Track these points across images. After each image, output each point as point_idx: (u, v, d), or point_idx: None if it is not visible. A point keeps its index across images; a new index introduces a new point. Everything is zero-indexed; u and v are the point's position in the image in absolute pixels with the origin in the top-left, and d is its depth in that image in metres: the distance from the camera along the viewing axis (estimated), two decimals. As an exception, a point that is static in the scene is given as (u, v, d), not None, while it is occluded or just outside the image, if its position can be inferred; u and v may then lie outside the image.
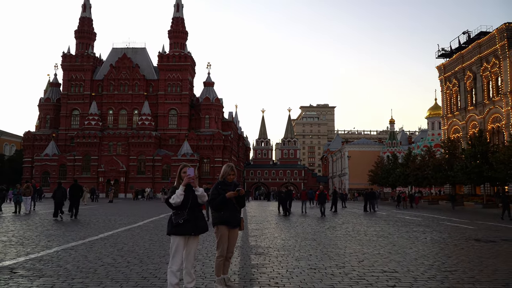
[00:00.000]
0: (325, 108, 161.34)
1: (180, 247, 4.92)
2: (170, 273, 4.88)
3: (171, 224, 4.92)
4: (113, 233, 11.71)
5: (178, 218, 4.89)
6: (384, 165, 58.39)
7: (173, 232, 4.92)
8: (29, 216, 18.26)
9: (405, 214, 23.43)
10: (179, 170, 5.13)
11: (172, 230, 4.92)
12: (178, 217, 4.89)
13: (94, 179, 65.11)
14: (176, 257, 4.89)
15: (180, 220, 4.87)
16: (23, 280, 5.76)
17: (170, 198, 4.92)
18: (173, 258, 4.90)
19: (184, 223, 4.88)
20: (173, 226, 4.89)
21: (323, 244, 9.86)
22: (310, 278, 6.09)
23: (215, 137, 69.15)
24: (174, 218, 4.90)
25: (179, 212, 4.91)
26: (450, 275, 6.44)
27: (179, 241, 4.92)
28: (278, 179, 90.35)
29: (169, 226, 4.97)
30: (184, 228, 4.90)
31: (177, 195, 4.87)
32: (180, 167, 5.15)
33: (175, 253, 4.90)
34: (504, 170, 30.01)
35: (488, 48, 43.60)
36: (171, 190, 5.00)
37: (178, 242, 4.92)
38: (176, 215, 4.90)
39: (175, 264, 4.88)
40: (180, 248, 4.92)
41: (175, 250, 4.90)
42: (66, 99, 71.46)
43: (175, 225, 4.88)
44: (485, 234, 12.52)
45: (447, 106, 53.02)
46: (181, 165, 5.20)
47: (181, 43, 73.35)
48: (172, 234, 4.94)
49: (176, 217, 4.90)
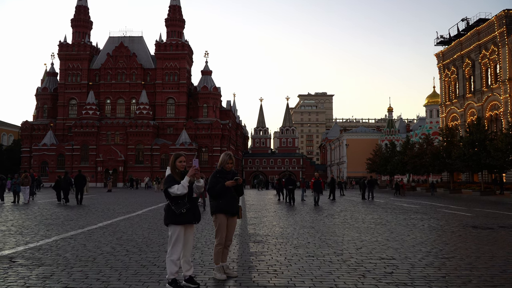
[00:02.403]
0: (323, 96, 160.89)
1: (181, 236, 4.92)
2: (170, 262, 4.87)
3: (172, 214, 4.88)
4: (112, 222, 11.73)
5: (180, 208, 4.85)
6: (382, 153, 58.51)
7: (175, 222, 4.88)
8: (27, 205, 18.28)
9: (403, 202, 23.55)
10: (173, 159, 5.04)
11: (174, 219, 4.88)
12: (180, 206, 4.86)
13: (93, 168, 65.16)
14: (176, 246, 4.89)
15: (183, 210, 4.85)
16: (22, 269, 5.77)
17: (169, 188, 4.84)
18: (173, 247, 4.89)
19: (186, 212, 4.88)
20: (176, 216, 4.85)
21: (321, 232, 9.91)
22: (308, 265, 6.13)
23: (213, 126, 69.03)
24: (175, 207, 4.85)
25: (180, 202, 4.88)
26: (448, 261, 6.49)
27: (180, 230, 4.91)
28: (277, 167, 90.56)
29: (169, 216, 4.91)
30: (186, 217, 4.89)
31: (183, 186, 4.83)
32: (175, 156, 5.06)
33: (175, 242, 4.89)
34: (502, 157, 30.11)
35: (487, 35, 43.36)
36: (169, 180, 4.91)
37: (179, 231, 4.91)
38: (177, 205, 4.86)
39: (176, 253, 4.88)
40: (181, 237, 4.92)
41: (176, 239, 4.89)
42: (63, 89, 71.03)
43: (178, 214, 4.85)
44: (483, 221, 12.60)
45: (446, 94, 52.94)
46: (174, 154, 5.10)
47: (178, 31, 72.67)
48: (173, 223, 4.89)
49: (177, 206, 4.85)
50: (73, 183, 20.56)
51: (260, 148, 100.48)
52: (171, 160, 5.07)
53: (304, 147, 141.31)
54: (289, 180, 21.36)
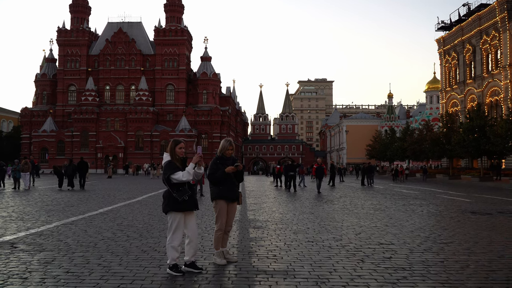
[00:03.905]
0: (323, 82, 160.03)
1: (182, 223, 4.95)
2: (171, 248, 4.90)
3: (174, 201, 4.87)
4: (113, 208, 11.78)
5: (182, 195, 4.86)
6: (382, 140, 58.52)
7: (176, 209, 4.89)
8: (28, 192, 18.36)
9: (402, 188, 23.63)
10: (173, 145, 4.99)
11: (175, 206, 4.88)
12: (182, 193, 4.86)
13: (93, 154, 65.24)
14: (177, 233, 4.92)
15: (185, 197, 4.87)
16: (24, 255, 5.81)
17: (173, 174, 4.82)
18: (174, 234, 4.91)
19: (188, 199, 4.90)
20: (178, 203, 4.86)
21: (320, 217, 9.96)
22: (307, 250, 6.17)
23: (213, 113, 68.84)
24: (177, 194, 4.84)
25: (181, 189, 4.89)
26: (446, 247, 6.53)
27: (181, 217, 4.93)
28: (276, 154, 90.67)
29: (170, 203, 4.90)
30: (188, 204, 4.91)
31: (188, 173, 4.82)
32: (174, 142, 5.02)
33: (176, 229, 4.91)
34: (502, 143, 30.12)
35: (488, 21, 42.89)
36: (172, 166, 4.87)
37: (180, 218, 4.93)
38: (179, 192, 4.86)
39: (176, 239, 4.91)
40: (181, 224, 4.95)
41: (177, 226, 4.91)
42: (62, 75, 70.60)
43: (181, 201, 4.86)
44: (481, 207, 12.65)
45: (446, 80, 52.65)
46: (174, 140, 5.05)
47: (178, 17, 71.84)
48: (175, 210, 4.90)
49: (179, 193, 4.85)
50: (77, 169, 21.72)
51: (260, 135, 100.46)
52: (170, 146, 5.01)
53: (304, 133, 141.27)
54: (290, 166, 21.35)
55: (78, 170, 20.93)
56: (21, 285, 4.41)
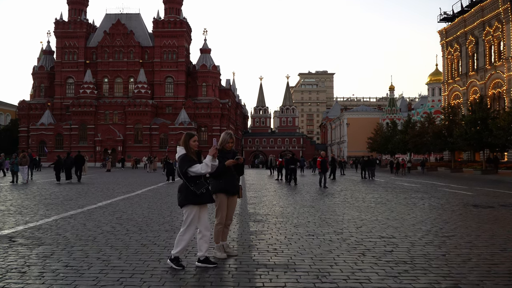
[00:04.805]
0: (324, 75, 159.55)
1: (197, 216, 4.95)
2: (182, 240, 4.87)
3: (192, 194, 4.84)
4: (112, 202, 11.74)
5: (200, 188, 4.84)
6: (383, 132, 58.38)
7: (194, 202, 4.86)
8: (26, 185, 18.32)
9: (404, 181, 23.62)
10: (187, 138, 4.96)
11: (193, 200, 4.86)
12: (200, 186, 4.84)
13: (91, 148, 65.19)
14: (192, 226, 4.92)
15: (203, 190, 4.86)
16: (22, 249, 5.77)
17: (191, 167, 4.79)
18: (189, 227, 4.90)
19: (206, 192, 4.90)
20: (195, 196, 4.84)
21: (321, 211, 9.92)
22: (308, 244, 6.13)
23: (212, 105, 68.67)
24: (195, 187, 4.82)
25: (199, 182, 4.87)
26: (448, 240, 6.49)
27: (197, 210, 4.93)
28: (277, 147, 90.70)
29: (188, 196, 4.87)
30: (204, 197, 4.91)
31: (206, 165, 4.81)
32: (188, 136, 4.99)
33: (191, 223, 4.90)
34: (504, 136, 30.01)
35: (491, 12, 42.56)
36: (188, 159, 4.84)
37: (196, 212, 4.92)
38: (197, 185, 4.84)
39: (189, 232, 4.90)
40: (197, 217, 4.95)
41: (192, 220, 4.90)
42: (60, 67, 70.27)
43: (199, 195, 4.84)
44: (484, 200, 12.61)
45: (448, 72, 52.42)
46: (187, 134, 5.03)
47: (177, 8, 71.35)
48: (192, 204, 4.88)
49: (197, 186, 4.83)
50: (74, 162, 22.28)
51: (260, 128, 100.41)
52: (183, 139, 4.98)
53: (304, 126, 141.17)
54: (291, 160, 21.39)
55: (75, 163, 21.90)
56: (20, 279, 4.37)
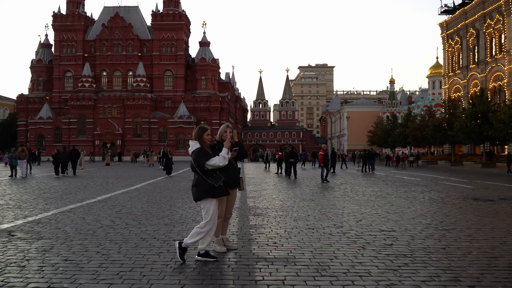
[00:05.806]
0: (324, 68, 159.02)
1: (217, 207, 4.96)
2: (203, 234, 4.84)
3: (210, 188, 4.84)
4: (111, 196, 11.73)
5: (218, 181, 4.85)
6: (383, 126, 58.29)
7: (212, 195, 4.86)
8: (25, 179, 18.30)
9: (404, 175, 23.63)
10: (200, 132, 4.95)
11: (211, 193, 4.86)
12: (217, 179, 4.85)
13: (90, 142, 65.09)
14: (214, 218, 4.92)
15: (220, 182, 4.87)
16: (21, 243, 5.75)
17: (208, 161, 4.79)
18: (211, 220, 4.89)
19: (223, 184, 4.91)
20: (214, 189, 4.85)
21: (321, 204, 9.91)
22: (308, 237, 6.12)
23: (211, 99, 68.47)
24: (213, 181, 4.83)
25: (215, 175, 4.87)
26: (448, 233, 6.48)
27: (215, 203, 4.94)
28: (276, 140, 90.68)
29: (206, 190, 4.85)
30: (222, 189, 4.93)
31: (223, 158, 4.85)
32: (202, 130, 4.98)
33: (213, 216, 4.89)
34: (504, 129, 29.95)
35: (492, 4, 42.29)
36: (204, 153, 4.84)
37: (215, 204, 4.93)
38: (214, 178, 4.85)
39: (208, 225, 4.88)
40: (217, 208, 4.97)
41: (214, 211, 4.90)
42: (58, 61, 69.92)
43: (217, 187, 4.85)
44: (484, 193, 12.62)
45: (449, 65, 52.22)
46: (201, 127, 5.02)
47: (175, 1, 70.90)
48: (211, 197, 4.87)
49: (214, 180, 4.84)
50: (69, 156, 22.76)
51: (260, 121, 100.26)
52: (196, 133, 4.97)
53: (304, 119, 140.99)
54: (290, 153, 21.43)
55: (70, 158, 22.37)
56: (19, 273, 4.35)
